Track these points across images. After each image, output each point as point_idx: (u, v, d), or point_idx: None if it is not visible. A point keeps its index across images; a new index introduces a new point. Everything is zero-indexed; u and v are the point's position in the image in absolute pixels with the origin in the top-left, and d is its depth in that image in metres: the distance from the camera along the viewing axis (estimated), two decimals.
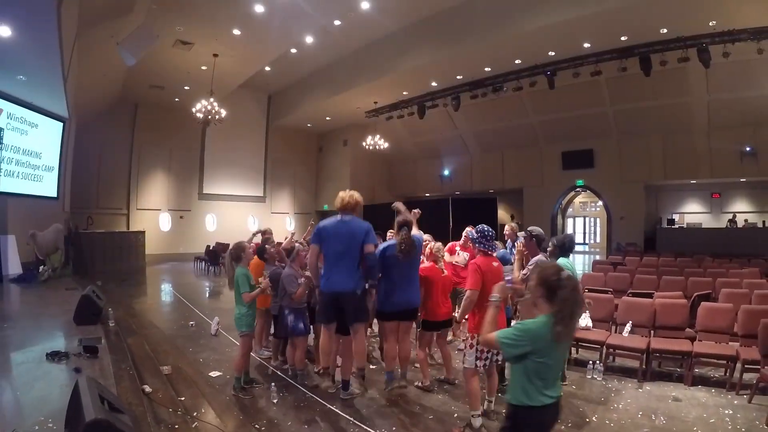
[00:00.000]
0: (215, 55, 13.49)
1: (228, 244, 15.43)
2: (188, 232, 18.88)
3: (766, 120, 13.15)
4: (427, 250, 4.87)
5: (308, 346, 4.91)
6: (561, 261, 4.63)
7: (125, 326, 6.66)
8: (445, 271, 4.84)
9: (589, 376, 4.97)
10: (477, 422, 3.53)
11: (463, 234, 5.74)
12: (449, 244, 5.94)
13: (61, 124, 12.11)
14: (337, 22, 12.55)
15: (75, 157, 13.77)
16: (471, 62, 13.29)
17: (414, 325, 4.87)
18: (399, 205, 4.79)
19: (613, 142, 16.25)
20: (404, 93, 16.33)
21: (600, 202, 19.15)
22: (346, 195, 4.16)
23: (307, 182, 23.38)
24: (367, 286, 4.06)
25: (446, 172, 21.36)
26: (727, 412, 4.10)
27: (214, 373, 4.83)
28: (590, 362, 5.11)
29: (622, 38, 11.14)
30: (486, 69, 13.80)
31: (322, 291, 4.05)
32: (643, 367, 4.96)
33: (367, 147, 18.24)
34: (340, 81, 15.98)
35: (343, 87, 15.95)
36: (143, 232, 15.94)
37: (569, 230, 23.49)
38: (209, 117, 13.42)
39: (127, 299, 9.14)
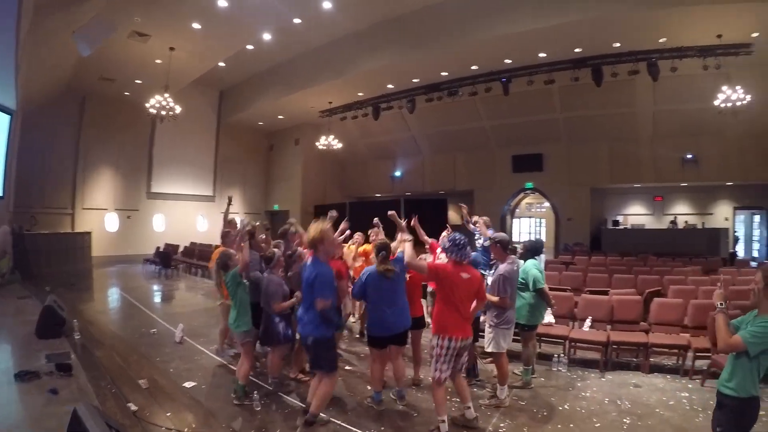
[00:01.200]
0: (171, 49, 12.93)
1: (177, 246, 15.02)
2: (136, 233, 17.93)
3: (707, 130, 14.21)
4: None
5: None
6: (530, 262, 4.99)
7: (88, 336, 6.27)
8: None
9: (555, 369, 5.33)
10: (444, 427, 3.62)
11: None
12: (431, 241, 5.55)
13: (8, 117, 11.11)
14: (297, 20, 12.33)
15: (18, 152, 12.72)
16: (428, 66, 13.47)
17: None
18: (393, 217, 4.55)
19: (563, 148, 17.02)
20: (359, 94, 16.31)
21: (546, 203, 20.03)
22: (315, 231, 3.71)
23: (258, 181, 22.82)
24: (330, 334, 3.74)
25: (398, 173, 21.55)
26: (683, 395, 4.55)
27: (188, 384, 4.70)
28: (555, 355, 5.48)
29: (576, 50, 11.68)
30: (443, 73, 14.07)
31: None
32: (604, 358, 5.36)
33: (320, 147, 18.04)
34: (296, 80, 15.71)
35: (299, 86, 15.69)
36: (89, 233, 15.05)
37: (516, 231, 24.03)
38: (163, 113, 12.91)
39: (81, 305, 8.62)
